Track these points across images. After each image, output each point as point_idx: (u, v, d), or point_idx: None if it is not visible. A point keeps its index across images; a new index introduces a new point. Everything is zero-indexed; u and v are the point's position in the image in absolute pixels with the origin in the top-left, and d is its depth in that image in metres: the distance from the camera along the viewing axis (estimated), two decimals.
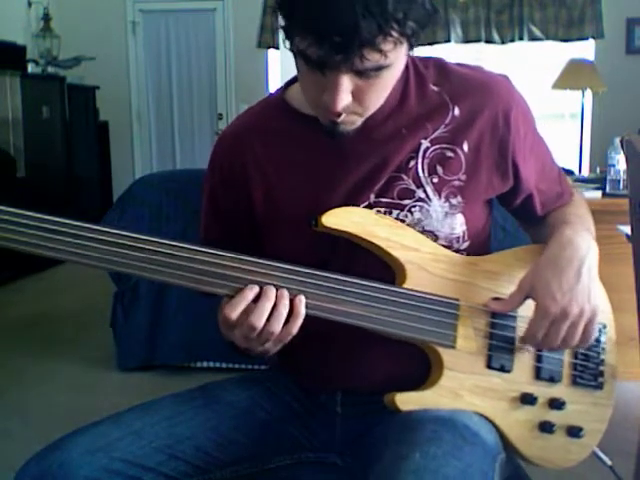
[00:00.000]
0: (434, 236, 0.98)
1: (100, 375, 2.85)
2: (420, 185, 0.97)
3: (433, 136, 0.97)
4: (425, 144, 0.97)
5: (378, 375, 1.00)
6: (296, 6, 0.80)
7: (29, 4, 5.61)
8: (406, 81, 0.99)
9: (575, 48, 5.28)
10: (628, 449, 1.39)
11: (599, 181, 2.99)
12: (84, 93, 5.53)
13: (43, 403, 2.58)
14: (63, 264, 4.66)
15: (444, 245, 0.98)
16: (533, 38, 5.35)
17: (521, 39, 5.37)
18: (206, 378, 1.14)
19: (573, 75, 4.12)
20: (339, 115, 0.88)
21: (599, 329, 1.03)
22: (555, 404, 0.98)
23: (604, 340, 1.03)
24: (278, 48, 5.67)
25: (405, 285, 0.94)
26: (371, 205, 0.97)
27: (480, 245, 1.02)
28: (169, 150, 6.21)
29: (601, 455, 1.06)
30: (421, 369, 0.97)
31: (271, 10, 5.47)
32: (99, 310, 3.32)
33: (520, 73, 5.30)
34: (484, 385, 0.96)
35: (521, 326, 0.97)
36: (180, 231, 2.69)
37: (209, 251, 0.86)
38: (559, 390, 0.99)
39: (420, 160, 0.97)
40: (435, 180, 0.97)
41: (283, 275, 0.88)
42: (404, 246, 0.95)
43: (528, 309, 0.95)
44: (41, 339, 3.35)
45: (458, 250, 0.99)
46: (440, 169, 0.97)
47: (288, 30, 0.83)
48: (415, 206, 0.97)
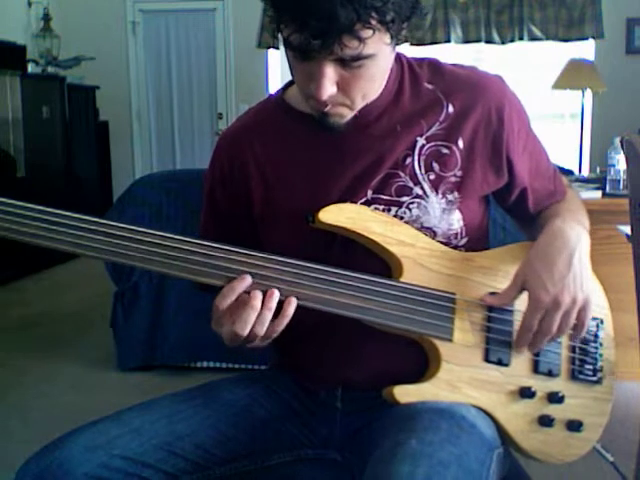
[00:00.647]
0: (432, 233, 0.98)
1: (100, 375, 2.85)
2: (417, 182, 0.98)
3: (428, 133, 0.98)
4: (421, 141, 0.98)
5: (377, 370, 1.00)
6: None
7: (29, 4, 5.61)
8: (401, 79, 1.01)
9: (575, 48, 5.28)
10: (628, 449, 1.40)
11: (599, 181, 2.99)
12: (84, 93, 5.53)
13: (43, 403, 2.58)
14: (63, 264, 4.67)
15: (442, 241, 0.99)
16: (533, 38, 5.34)
17: (521, 39, 5.36)
18: (206, 378, 1.14)
19: (573, 75, 4.12)
20: (326, 105, 0.90)
21: (597, 324, 1.03)
22: (554, 398, 0.98)
23: (602, 335, 1.03)
24: (278, 48, 5.67)
25: (402, 280, 0.94)
26: (369, 201, 0.98)
27: (478, 242, 1.03)
28: (169, 150, 6.21)
29: (602, 451, 1.05)
30: (419, 364, 0.98)
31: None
32: (99, 310, 3.33)
33: (520, 73, 5.30)
34: (482, 378, 0.96)
35: (518, 320, 0.97)
36: (180, 231, 2.62)
37: (205, 244, 0.90)
38: (558, 384, 0.99)
39: (416, 157, 0.98)
40: (432, 177, 0.98)
41: (277, 267, 0.89)
42: (400, 241, 0.96)
43: (525, 303, 0.95)
44: (41, 339, 3.35)
45: (456, 246, 1.00)
46: (436, 166, 0.98)
47: (276, 20, 0.86)
48: (413, 203, 0.98)
